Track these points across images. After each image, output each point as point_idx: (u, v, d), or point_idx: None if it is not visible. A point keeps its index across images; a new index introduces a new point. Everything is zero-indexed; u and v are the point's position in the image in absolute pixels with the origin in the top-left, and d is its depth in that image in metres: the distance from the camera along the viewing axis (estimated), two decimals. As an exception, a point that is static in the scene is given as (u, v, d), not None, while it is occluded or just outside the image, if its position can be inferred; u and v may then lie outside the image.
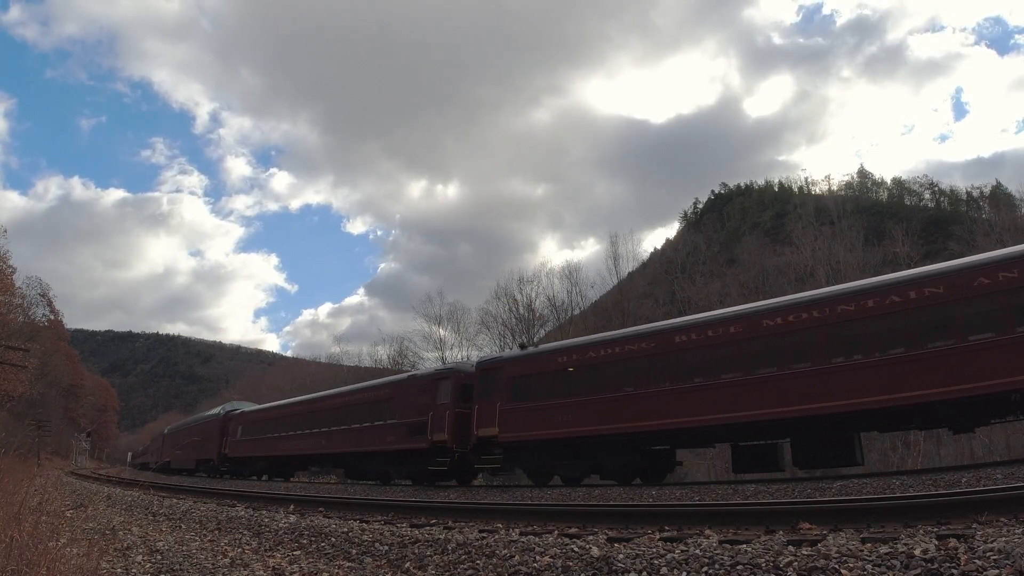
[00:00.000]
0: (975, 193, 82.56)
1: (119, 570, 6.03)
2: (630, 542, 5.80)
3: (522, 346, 19.89)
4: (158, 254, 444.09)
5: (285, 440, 29.28)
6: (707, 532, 6.13)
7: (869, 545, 4.57)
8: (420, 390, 21.23)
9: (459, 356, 49.16)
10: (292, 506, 12.04)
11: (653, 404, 14.81)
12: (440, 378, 20.88)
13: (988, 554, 4.06)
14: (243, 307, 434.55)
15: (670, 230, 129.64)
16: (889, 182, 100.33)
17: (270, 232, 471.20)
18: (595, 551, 5.46)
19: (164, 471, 46.54)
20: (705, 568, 4.73)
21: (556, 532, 6.86)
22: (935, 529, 5.28)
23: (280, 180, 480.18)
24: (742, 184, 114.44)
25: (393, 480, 23.56)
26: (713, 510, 7.56)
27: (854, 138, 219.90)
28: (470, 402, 19.30)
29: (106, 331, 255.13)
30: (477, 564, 5.84)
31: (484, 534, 6.90)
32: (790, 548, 4.81)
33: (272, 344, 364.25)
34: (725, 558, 4.80)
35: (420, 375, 23.25)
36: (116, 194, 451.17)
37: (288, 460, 30.23)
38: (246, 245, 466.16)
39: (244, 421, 34.83)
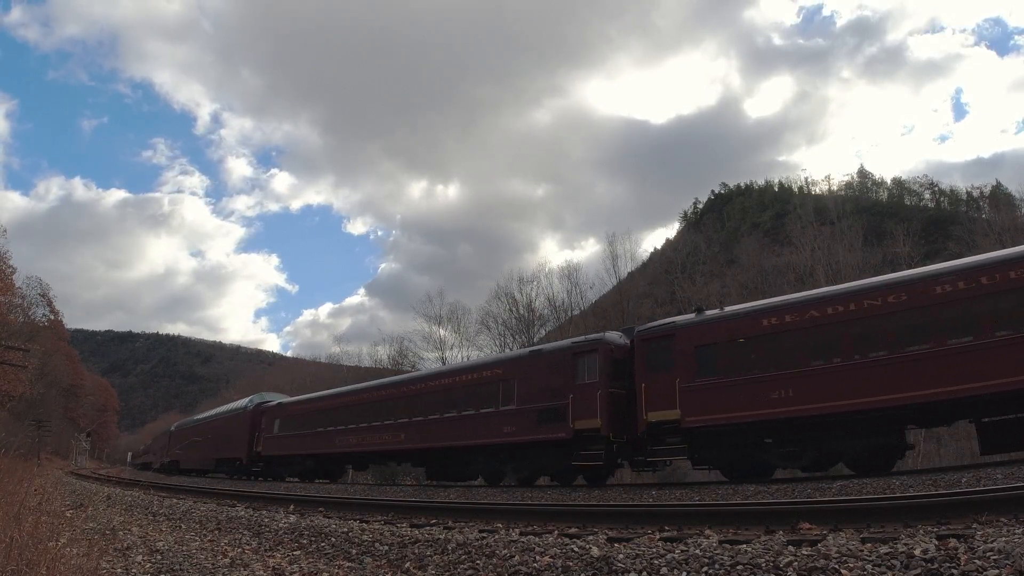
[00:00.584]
0: (975, 193, 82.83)
1: (119, 570, 6.03)
2: (630, 542, 5.80)
3: (698, 309, 16.53)
4: (159, 254, 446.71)
5: (344, 435, 25.08)
6: (707, 532, 6.13)
7: (869, 545, 4.57)
8: (550, 368, 17.76)
9: (459, 356, 49.21)
10: (292, 506, 12.04)
11: (910, 372, 12.06)
12: (580, 352, 17.19)
13: (988, 554, 4.07)
14: (244, 307, 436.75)
15: (670, 230, 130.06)
16: (889, 182, 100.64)
17: (271, 232, 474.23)
18: (595, 551, 5.46)
19: (169, 472, 44.45)
20: (705, 568, 4.73)
21: (556, 532, 6.86)
22: (935, 529, 5.28)
23: (281, 181, 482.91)
24: (742, 184, 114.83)
25: (503, 480, 19.81)
26: (713, 510, 7.55)
27: (854, 138, 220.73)
28: (623, 379, 16.27)
29: (106, 331, 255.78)
30: (477, 564, 5.84)
31: (484, 534, 6.90)
32: (790, 548, 4.81)
33: (272, 344, 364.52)
34: (725, 558, 4.80)
35: (548, 350, 19.18)
36: (117, 195, 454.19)
37: (347, 458, 26.47)
38: (247, 245, 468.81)
39: (283, 414, 30.37)
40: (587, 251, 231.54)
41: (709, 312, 16.21)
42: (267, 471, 30.22)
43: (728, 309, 16.24)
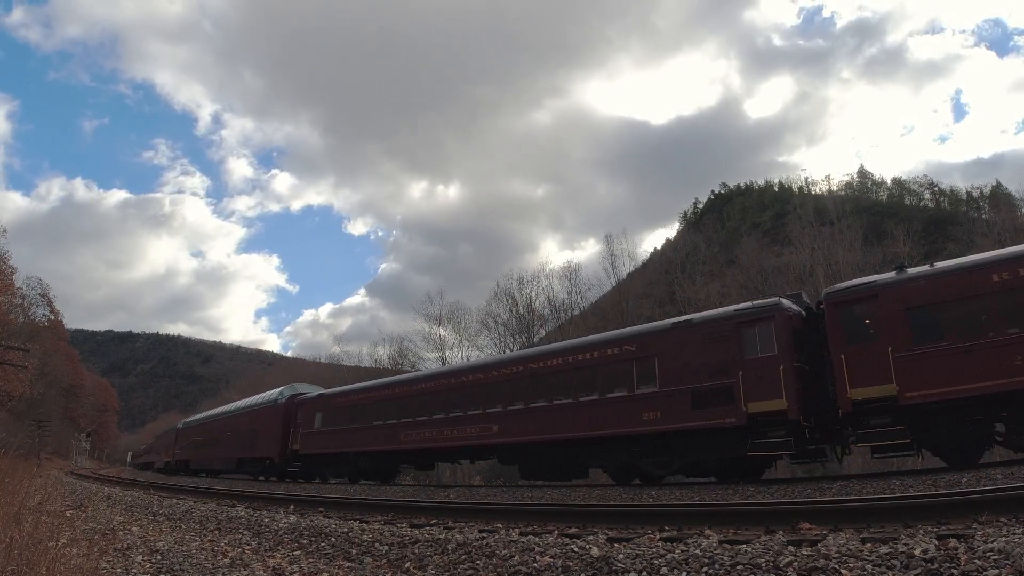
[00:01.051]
0: (975, 193, 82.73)
1: (119, 570, 6.03)
2: (630, 542, 5.80)
3: (899, 267, 14.10)
4: (160, 255, 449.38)
5: (412, 428, 21.80)
6: (707, 532, 6.13)
7: (869, 545, 4.58)
8: (706, 341, 15.00)
9: (460, 357, 49.16)
10: (292, 506, 12.04)
11: None
12: (748, 320, 14.47)
13: (988, 554, 4.07)
14: (244, 307, 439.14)
15: (670, 230, 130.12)
16: (889, 182, 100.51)
17: (271, 233, 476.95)
18: (595, 551, 5.45)
19: (176, 472, 42.23)
20: (705, 568, 4.73)
21: (556, 532, 6.87)
22: (935, 529, 5.29)
23: (281, 181, 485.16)
24: (742, 184, 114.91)
25: (634, 478, 16.73)
26: (713, 510, 7.55)
27: (854, 139, 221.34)
28: (804, 352, 14.09)
29: (106, 331, 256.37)
30: (477, 564, 5.83)
31: (484, 534, 6.90)
32: (790, 548, 4.81)
33: (273, 344, 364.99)
34: (725, 558, 4.80)
35: (701, 320, 15.90)
36: (118, 195, 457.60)
37: (414, 455, 22.97)
38: (247, 246, 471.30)
39: (327, 407, 26.57)
40: (587, 251, 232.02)
41: (913, 270, 14.03)
42: (306, 471, 27.16)
43: (940, 265, 13.81)
